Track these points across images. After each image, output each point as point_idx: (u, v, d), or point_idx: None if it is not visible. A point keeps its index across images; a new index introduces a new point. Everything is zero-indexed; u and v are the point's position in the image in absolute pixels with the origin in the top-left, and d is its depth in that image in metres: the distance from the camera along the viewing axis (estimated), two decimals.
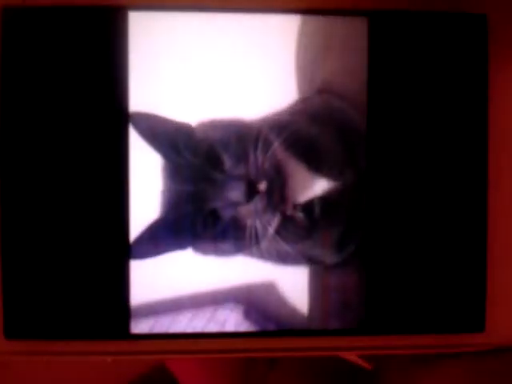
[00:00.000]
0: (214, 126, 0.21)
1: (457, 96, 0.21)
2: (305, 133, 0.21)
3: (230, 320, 0.21)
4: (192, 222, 0.21)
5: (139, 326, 0.21)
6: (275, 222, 0.21)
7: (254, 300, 0.21)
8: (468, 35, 0.21)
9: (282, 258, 0.21)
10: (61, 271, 0.20)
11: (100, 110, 0.20)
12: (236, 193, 0.20)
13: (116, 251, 0.20)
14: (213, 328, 0.21)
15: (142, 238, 0.20)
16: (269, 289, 0.21)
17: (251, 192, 0.20)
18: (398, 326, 0.21)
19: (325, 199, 0.21)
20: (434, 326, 0.21)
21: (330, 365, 0.25)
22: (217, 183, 0.21)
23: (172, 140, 0.20)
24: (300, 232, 0.21)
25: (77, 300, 0.20)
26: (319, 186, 0.21)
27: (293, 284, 0.21)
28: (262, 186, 0.21)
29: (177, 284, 0.21)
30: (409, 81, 0.21)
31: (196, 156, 0.21)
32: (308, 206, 0.21)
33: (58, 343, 0.20)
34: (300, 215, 0.21)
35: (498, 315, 0.21)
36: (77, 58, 0.20)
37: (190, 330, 0.21)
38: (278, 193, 0.21)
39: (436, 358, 0.22)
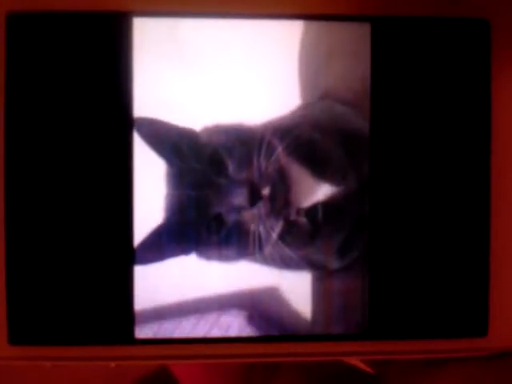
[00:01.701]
0: (218, 131, 0.21)
1: (460, 101, 0.21)
2: (308, 138, 0.21)
3: (234, 325, 0.21)
4: (196, 227, 0.21)
5: (143, 331, 0.21)
6: (278, 227, 0.21)
7: (257, 305, 0.21)
8: (470, 41, 0.21)
9: (285, 264, 0.21)
10: (65, 277, 0.20)
11: (104, 116, 0.20)
12: (239, 198, 0.20)
13: (120, 256, 0.20)
14: (216, 333, 0.21)
15: (145, 243, 0.20)
16: (272, 294, 0.21)
17: (255, 197, 0.20)
18: (402, 331, 0.21)
19: (328, 204, 0.21)
20: (437, 330, 0.21)
21: (332, 369, 0.25)
22: (220, 188, 0.21)
23: (176, 145, 0.21)
24: (303, 237, 0.21)
25: (81, 305, 0.20)
26: (322, 191, 0.21)
27: (296, 289, 0.21)
28: (266, 191, 0.21)
29: (180, 289, 0.21)
30: (411, 86, 0.21)
31: (200, 161, 0.21)
32: (311, 211, 0.21)
33: (62, 349, 0.20)
34: (303, 220, 0.21)
35: (501, 320, 0.21)
36: (81, 63, 0.20)
37: (193, 335, 0.21)
38: (281, 198, 0.21)
39: (438, 363, 0.22)
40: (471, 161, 0.21)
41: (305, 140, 0.21)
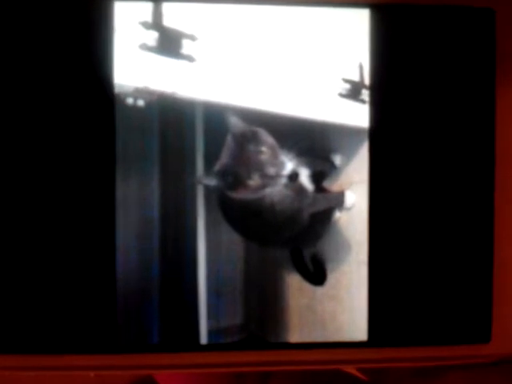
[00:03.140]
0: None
1: (463, 92, 0.20)
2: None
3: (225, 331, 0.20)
4: None
5: (127, 340, 0.20)
6: None
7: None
8: (475, 30, 0.20)
9: None
10: (44, 284, 0.19)
11: (84, 102, 0.19)
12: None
13: (102, 260, 0.20)
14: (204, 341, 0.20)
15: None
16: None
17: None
18: (403, 338, 0.21)
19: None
20: (439, 337, 0.21)
21: (326, 377, 0.24)
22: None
23: (160, 132, 0.20)
24: None
25: (64, 313, 0.19)
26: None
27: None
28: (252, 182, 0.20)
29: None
30: (412, 76, 0.20)
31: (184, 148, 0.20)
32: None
33: (44, 358, 0.20)
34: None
35: (504, 326, 0.21)
36: (60, 48, 0.19)
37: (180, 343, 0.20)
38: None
39: (438, 371, 0.22)
40: (474, 156, 0.21)
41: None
